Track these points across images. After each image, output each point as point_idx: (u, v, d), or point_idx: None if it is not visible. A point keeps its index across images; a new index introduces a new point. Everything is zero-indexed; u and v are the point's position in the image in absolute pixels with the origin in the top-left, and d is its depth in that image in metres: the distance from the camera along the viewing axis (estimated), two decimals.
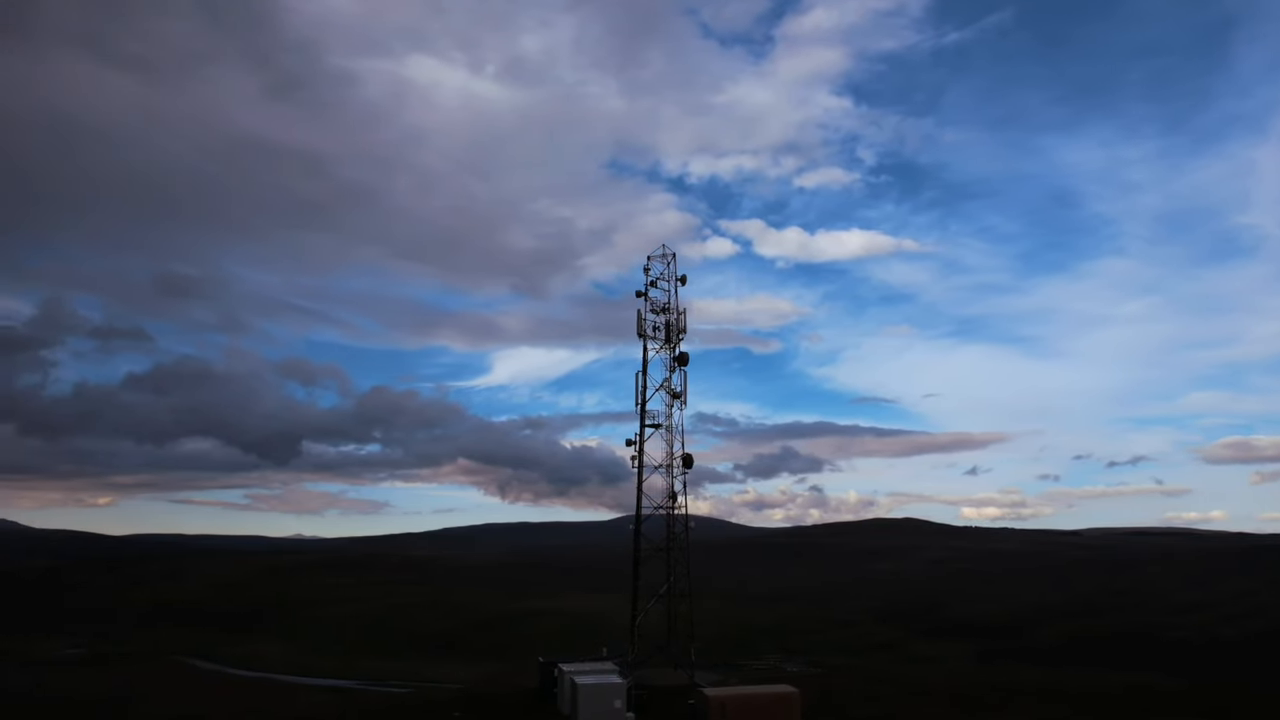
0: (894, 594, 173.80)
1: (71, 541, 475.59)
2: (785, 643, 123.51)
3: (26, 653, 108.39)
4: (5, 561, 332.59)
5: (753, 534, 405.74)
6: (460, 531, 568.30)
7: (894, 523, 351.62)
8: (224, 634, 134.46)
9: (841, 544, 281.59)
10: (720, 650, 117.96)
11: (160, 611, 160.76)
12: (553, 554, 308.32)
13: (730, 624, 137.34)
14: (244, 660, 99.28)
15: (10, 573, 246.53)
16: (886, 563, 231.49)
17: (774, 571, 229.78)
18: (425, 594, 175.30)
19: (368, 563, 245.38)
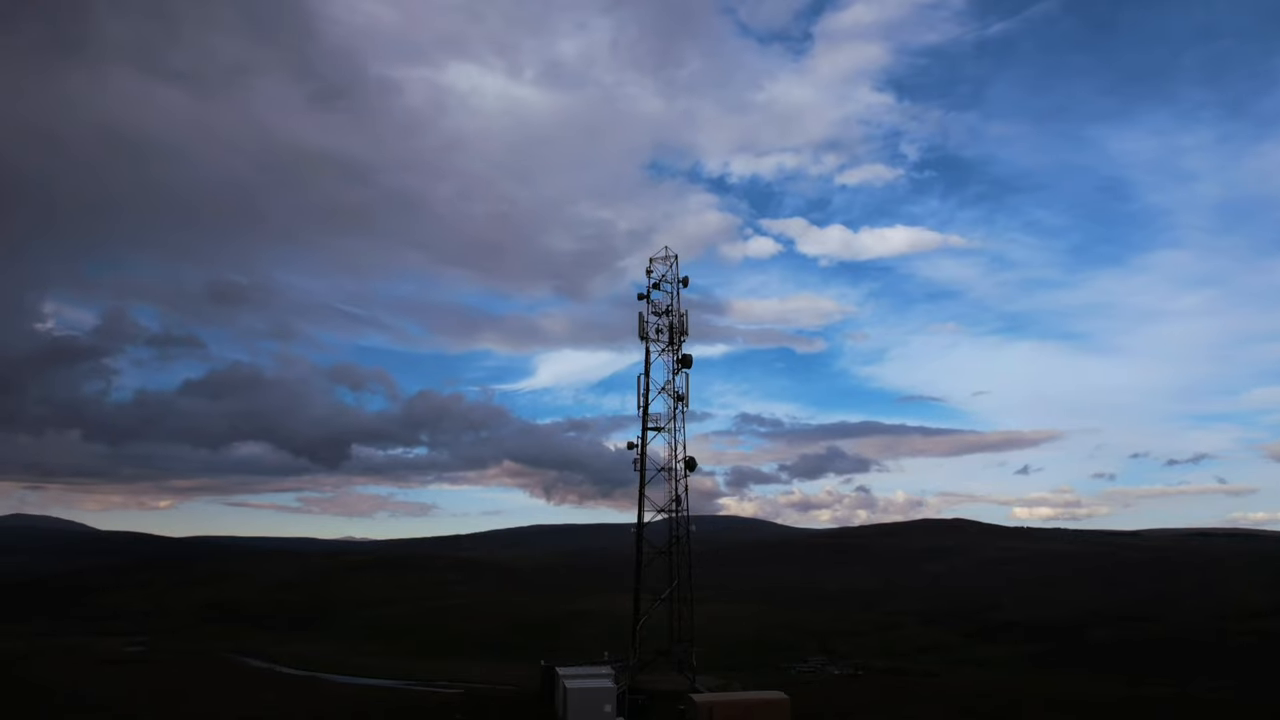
0: (943, 596, 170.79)
1: (133, 543, 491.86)
2: (830, 645, 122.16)
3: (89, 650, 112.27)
4: (71, 561, 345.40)
5: (799, 535, 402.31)
6: (507, 533, 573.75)
7: (943, 523, 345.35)
8: (277, 634, 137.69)
9: (889, 545, 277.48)
10: (763, 653, 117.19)
11: (216, 611, 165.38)
12: (599, 555, 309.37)
13: (775, 626, 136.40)
14: (295, 659, 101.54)
15: (76, 572, 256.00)
16: (935, 564, 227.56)
17: (820, 573, 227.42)
18: (473, 595, 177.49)
19: (416, 564, 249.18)
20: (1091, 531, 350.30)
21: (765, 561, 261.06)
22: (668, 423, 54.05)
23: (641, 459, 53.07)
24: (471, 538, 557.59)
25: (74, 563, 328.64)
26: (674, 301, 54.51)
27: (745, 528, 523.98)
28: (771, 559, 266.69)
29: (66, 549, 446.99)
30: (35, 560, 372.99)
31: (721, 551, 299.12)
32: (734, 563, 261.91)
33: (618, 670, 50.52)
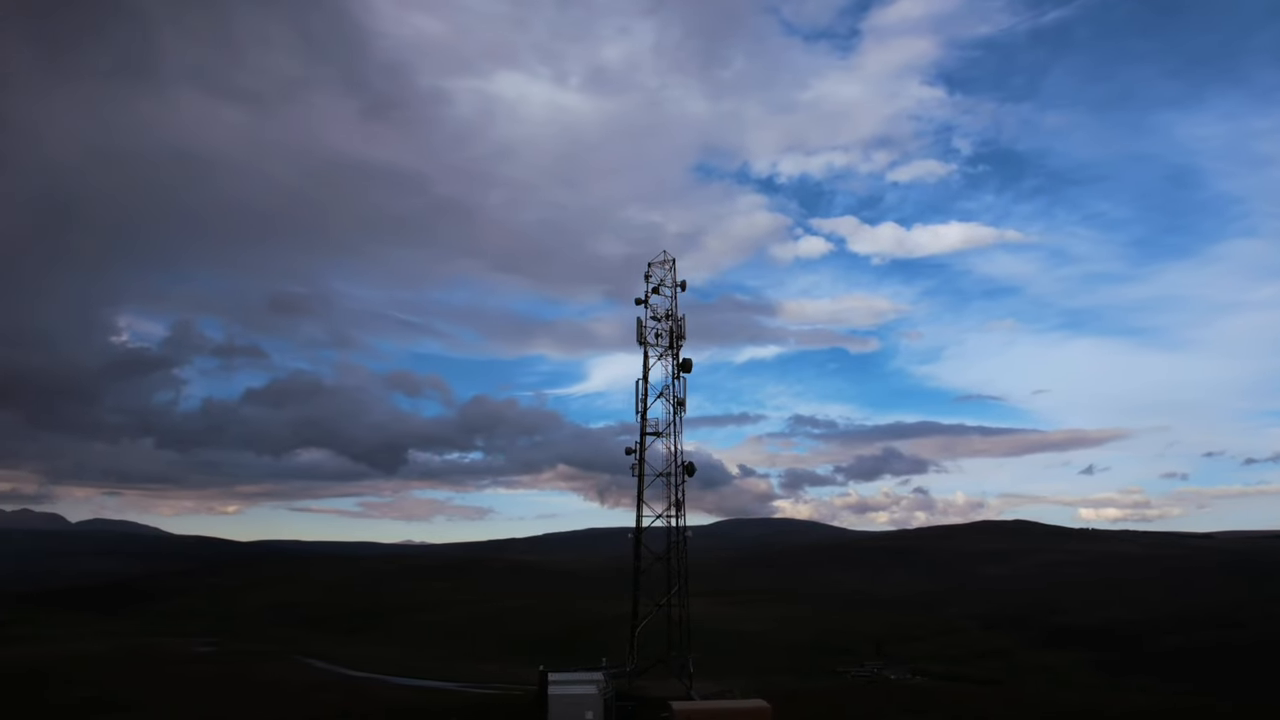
0: (1003, 600, 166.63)
1: (203, 546, 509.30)
2: (887, 650, 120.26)
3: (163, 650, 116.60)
4: (148, 564, 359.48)
5: (855, 537, 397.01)
6: (562, 537, 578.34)
7: (1004, 525, 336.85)
8: (338, 635, 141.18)
9: (948, 547, 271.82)
10: (819, 657, 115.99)
11: (281, 612, 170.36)
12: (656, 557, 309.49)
13: (831, 630, 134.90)
14: (355, 661, 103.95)
15: (151, 574, 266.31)
16: (996, 567, 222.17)
17: (877, 576, 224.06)
18: (527, 598, 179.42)
19: (473, 568, 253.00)
20: (1162, 533, 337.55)
21: (821, 564, 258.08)
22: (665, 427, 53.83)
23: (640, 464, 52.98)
24: (527, 541, 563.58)
25: (149, 565, 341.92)
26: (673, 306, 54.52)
27: (801, 530, 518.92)
28: (828, 562, 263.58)
29: (142, 552, 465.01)
30: (114, 563, 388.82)
31: (777, 555, 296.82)
32: (790, 566, 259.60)
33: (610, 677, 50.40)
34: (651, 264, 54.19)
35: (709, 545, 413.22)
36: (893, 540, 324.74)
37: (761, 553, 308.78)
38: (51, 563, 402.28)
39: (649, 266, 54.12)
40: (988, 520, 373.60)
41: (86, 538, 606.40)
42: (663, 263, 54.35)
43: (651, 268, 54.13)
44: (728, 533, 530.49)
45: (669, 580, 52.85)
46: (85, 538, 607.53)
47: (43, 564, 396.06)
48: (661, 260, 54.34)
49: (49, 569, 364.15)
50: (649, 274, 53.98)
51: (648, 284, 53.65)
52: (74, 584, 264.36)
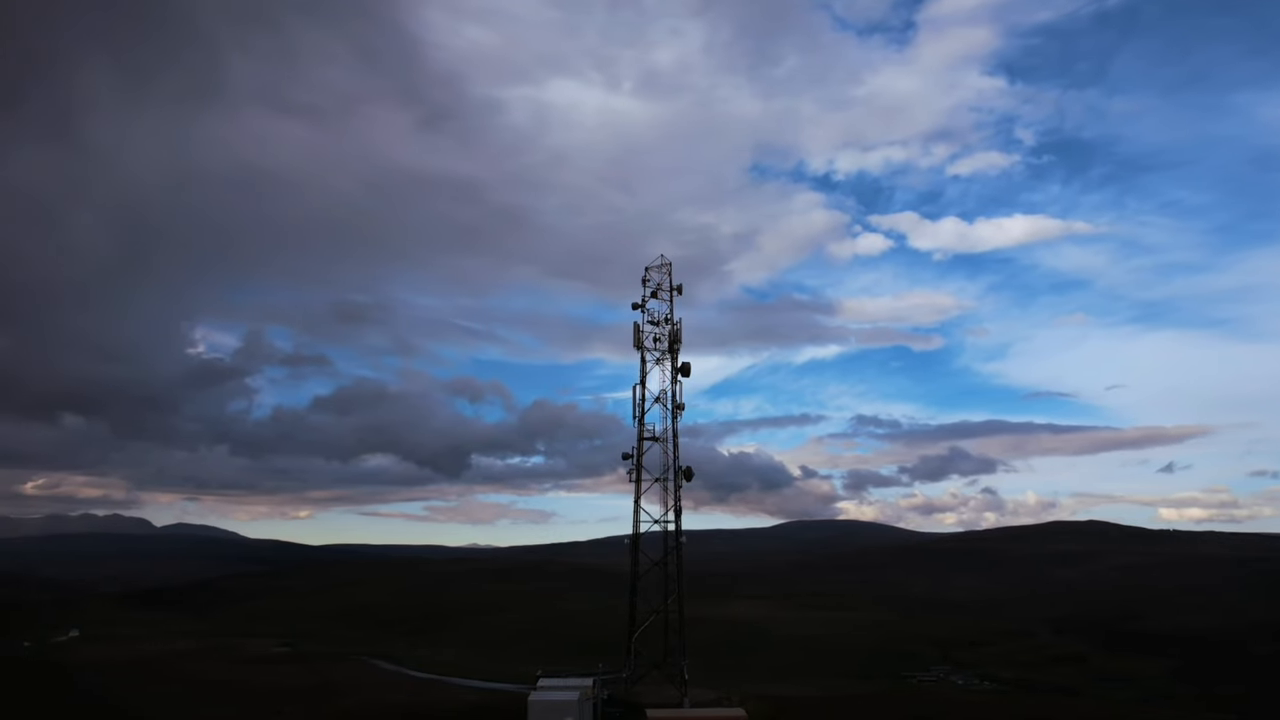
0: (1078, 604, 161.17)
1: (278, 550, 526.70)
2: (954, 655, 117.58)
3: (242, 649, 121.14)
4: (226, 566, 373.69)
5: (921, 539, 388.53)
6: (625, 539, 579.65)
7: (1079, 526, 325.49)
8: (405, 637, 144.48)
9: (1019, 549, 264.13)
10: (884, 661, 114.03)
11: (351, 615, 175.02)
12: (715, 561, 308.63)
13: (896, 634, 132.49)
14: (421, 663, 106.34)
15: (229, 576, 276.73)
16: (1069, 570, 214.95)
17: (944, 579, 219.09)
18: (589, 601, 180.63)
19: (536, 571, 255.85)
20: (1252, 535, 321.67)
21: (887, 567, 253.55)
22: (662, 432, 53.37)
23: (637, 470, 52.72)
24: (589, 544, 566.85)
25: (227, 568, 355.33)
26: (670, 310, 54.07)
27: (865, 532, 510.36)
28: (893, 564, 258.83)
29: (221, 555, 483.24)
30: (195, 566, 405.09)
31: (840, 557, 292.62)
32: (854, 568, 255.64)
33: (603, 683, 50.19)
34: (648, 268, 53.88)
35: (770, 548, 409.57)
36: (960, 542, 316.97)
37: (824, 555, 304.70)
38: (140, 565, 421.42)
39: (646, 271, 53.82)
40: (1060, 521, 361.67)
41: (171, 541, 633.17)
42: (659, 267, 54.10)
43: (649, 272, 53.84)
44: (790, 535, 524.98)
45: (665, 586, 52.41)
46: (169, 541, 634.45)
47: (132, 566, 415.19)
48: (659, 265, 54.08)
49: (138, 571, 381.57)
50: (646, 278, 53.72)
51: (645, 289, 53.38)
52: (160, 585, 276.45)
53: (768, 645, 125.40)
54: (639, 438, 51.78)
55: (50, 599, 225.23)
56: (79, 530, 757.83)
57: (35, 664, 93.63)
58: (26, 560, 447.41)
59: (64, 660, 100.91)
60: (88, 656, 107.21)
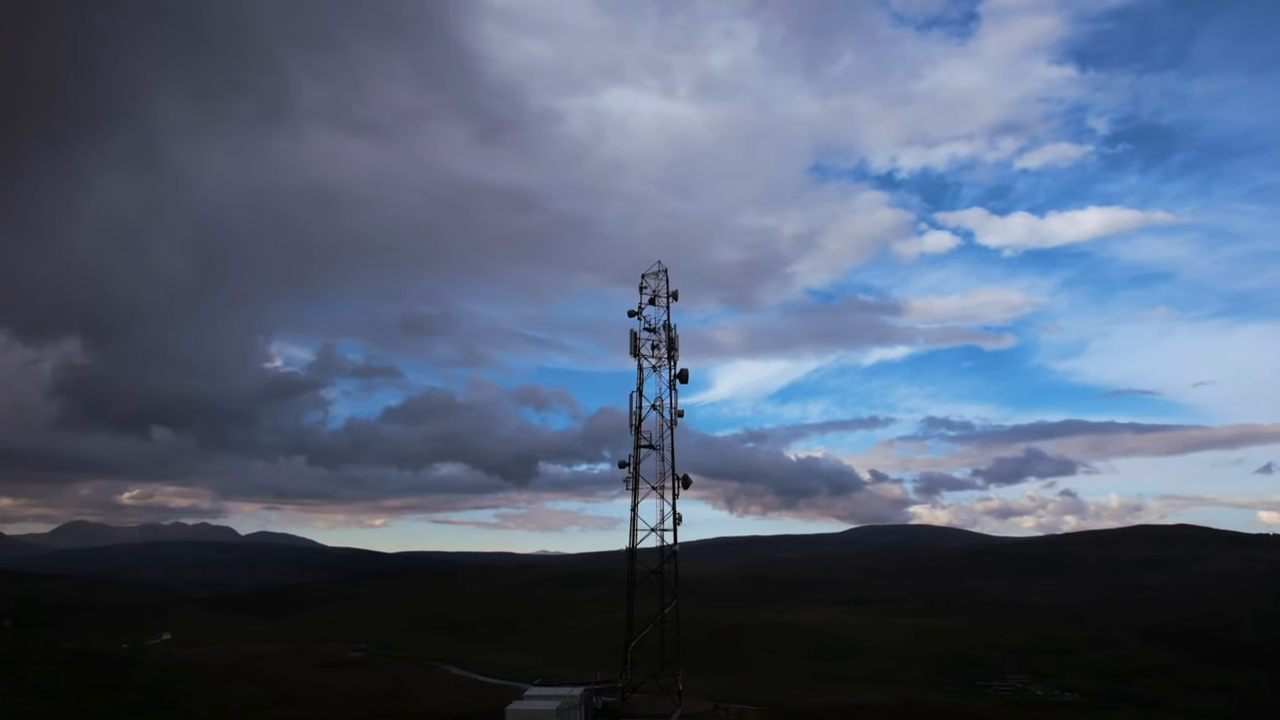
0: (1166, 612, 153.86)
1: (354, 558, 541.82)
2: (1033, 664, 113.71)
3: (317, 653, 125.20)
4: (306, 573, 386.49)
5: (998, 544, 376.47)
6: (692, 546, 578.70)
7: (1167, 530, 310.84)
8: (476, 642, 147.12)
9: (1103, 554, 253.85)
10: (959, 670, 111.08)
11: (423, 620, 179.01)
12: (784, 567, 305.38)
13: (972, 641, 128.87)
14: (492, 668, 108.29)
15: (308, 583, 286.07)
16: (1157, 576, 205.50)
17: (1022, 584, 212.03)
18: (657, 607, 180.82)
19: (604, 577, 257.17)
20: None
21: (962, 572, 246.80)
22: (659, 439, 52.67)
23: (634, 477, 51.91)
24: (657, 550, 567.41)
25: (307, 574, 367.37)
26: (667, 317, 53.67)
27: (939, 537, 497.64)
28: (968, 569, 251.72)
29: (301, 562, 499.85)
30: (277, 572, 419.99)
31: (913, 562, 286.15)
32: (927, 573, 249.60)
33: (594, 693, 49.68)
34: (645, 275, 53.57)
35: (840, 553, 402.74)
36: (1040, 546, 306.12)
37: (896, 560, 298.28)
38: (226, 571, 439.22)
39: (642, 278, 53.54)
40: (1147, 525, 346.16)
41: (254, 549, 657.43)
42: (656, 274, 53.75)
43: (645, 279, 53.53)
44: (860, 540, 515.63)
45: (661, 595, 51.59)
46: (253, 549, 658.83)
47: (219, 572, 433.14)
48: (655, 271, 53.76)
49: (224, 577, 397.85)
50: (643, 285, 53.47)
51: (642, 296, 53.15)
52: (244, 591, 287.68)
53: (837, 652, 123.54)
54: (636, 445, 51.68)
55: (145, 603, 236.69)
56: (171, 538, 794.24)
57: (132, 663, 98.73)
58: (124, 566, 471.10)
59: (157, 660, 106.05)
60: (178, 658, 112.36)
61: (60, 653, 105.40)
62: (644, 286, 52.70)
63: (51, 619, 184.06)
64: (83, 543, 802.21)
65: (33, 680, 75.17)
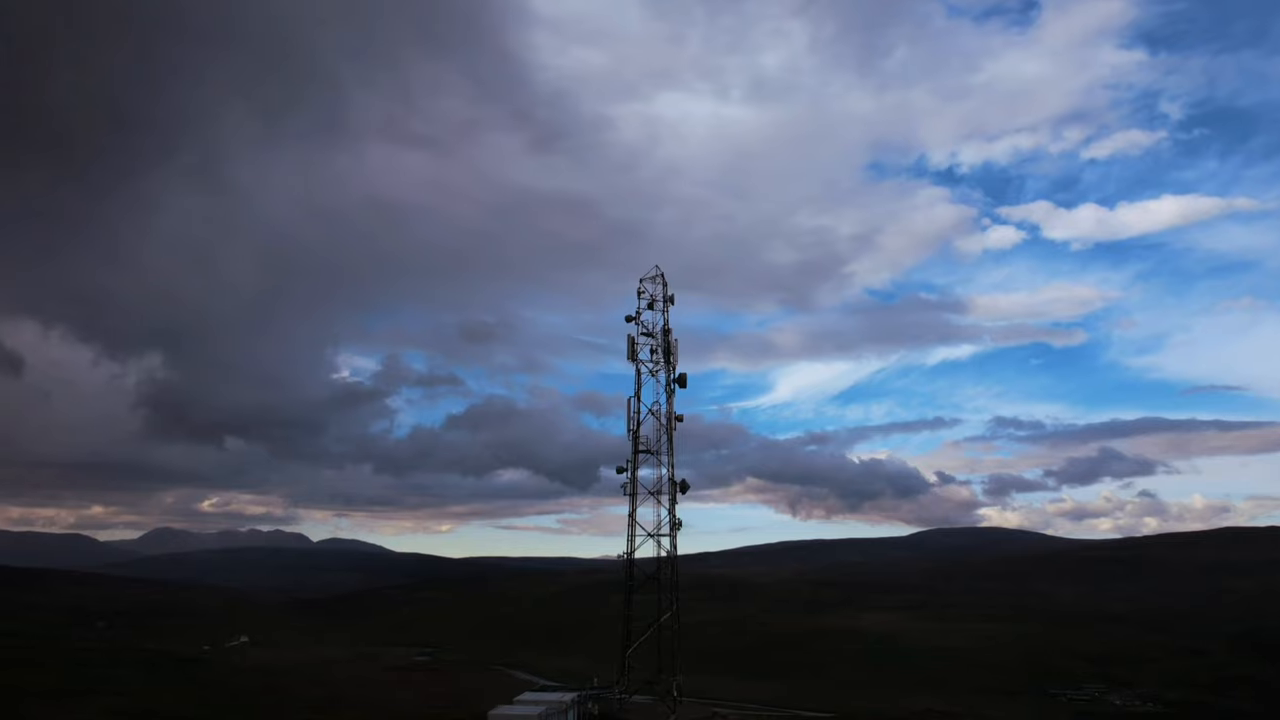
0: (1258, 619, 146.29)
1: (421, 563, 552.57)
2: (1110, 673, 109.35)
3: (384, 657, 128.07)
4: (375, 578, 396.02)
5: (1072, 547, 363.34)
6: (755, 550, 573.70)
7: (1256, 532, 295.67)
8: (540, 647, 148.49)
9: (1185, 558, 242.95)
10: (1033, 678, 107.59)
11: (488, 625, 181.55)
12: (850, 571, 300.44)
13: (1046, 649, 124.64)
14: (557, 673, 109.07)
15: (377, 589, 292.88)
16: (1246, 580, 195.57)
17: (1099, 590, 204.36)
18: (720, 612, 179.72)
19: None
20: None
21: (1034, 576, 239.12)
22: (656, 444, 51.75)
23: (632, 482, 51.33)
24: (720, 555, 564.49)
25: (376, 580, 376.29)
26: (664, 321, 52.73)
27: (1010, 540, 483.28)
28: (1041, 574, 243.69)
29: (370, 568, 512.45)
30: (347, 578, 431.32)
31: (983, 566, 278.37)
32: (998, 578, 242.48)
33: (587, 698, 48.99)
34: (642, 279, 53.18)
35: (906, 557, 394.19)
36: (1117, 550, 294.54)
37: (964, 564, 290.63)
38: (299, 577, 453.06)
39: (640, 282, 53.12)
40: (1235, 527, 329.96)
41: (325, 555, 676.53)
42: (653, 278, 53.24)
43: (643, 283, 53.12)
44: (927, 543, 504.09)
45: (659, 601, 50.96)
46: (324, 555, 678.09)
47: (292, 578, 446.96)
48: (652, 275, 53.25)
49: (297, 583, 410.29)
50: (641, 290, 53.00)
51: (639, 300, 52.63)
52: (316, 596, 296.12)
53: (902, 657, 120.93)
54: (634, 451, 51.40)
55: (224, 607, 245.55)
56: (247, 544, 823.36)
57: (210, 665, 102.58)
58: (204, 571, 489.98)
59: (234, 663, 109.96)
60: (253, 660, 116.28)
61: (145, 654, 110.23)
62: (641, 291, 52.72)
63: (139, 622, 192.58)
64: (167, 548, 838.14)
65: (121, 680, 78.81)
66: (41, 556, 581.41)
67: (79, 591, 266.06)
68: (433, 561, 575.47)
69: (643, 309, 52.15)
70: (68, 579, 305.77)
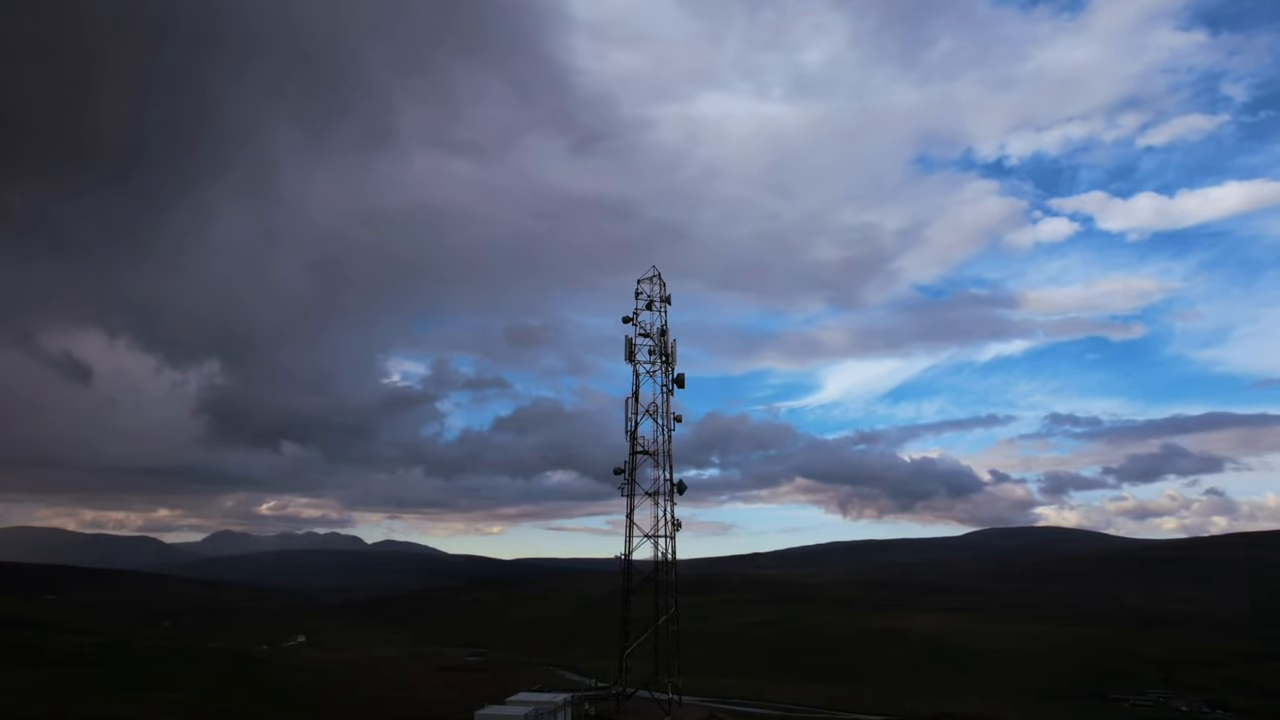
0: None
1: (472, 564, 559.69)
2: (1176, 677, 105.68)
3: (436, 657, 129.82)
4: (428, 579, 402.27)
5: (1135, 547, 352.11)
6: (806, 550, 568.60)
7: None
8: (590, 647, 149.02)
9: (1259, 558, 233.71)
10: (1093, 681, 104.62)
11: (539, 625, 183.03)
12: (902, 571, 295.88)
13: (1107, 651, 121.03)
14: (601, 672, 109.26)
15: (429, 590, 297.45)
16: None
17: (1164, 591, 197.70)
18: (770, 613, 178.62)
19: (716, 583, 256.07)
20: None
21: (1094, 577, 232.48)
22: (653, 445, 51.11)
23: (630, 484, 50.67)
24: (770, 555, 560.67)
25: (429, 581, 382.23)
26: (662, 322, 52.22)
27: (1068, 539, 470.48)
28: (1102, 574, 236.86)
29: (423, 569, 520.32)
30: (402, 579, 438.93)
31: (1040, 566, 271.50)
32: (1056, 579, 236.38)
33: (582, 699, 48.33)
34: (640, 281, 52.86)
35: (959, 558, 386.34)
36: (1183, 550, 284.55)
37: (1021, 564, 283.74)
38: (354, 578, 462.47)
39: (638, 283, 52.83)
40: None
41: (380, 557, 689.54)
42: (651, 279, 52.86)
43: (640, 284, 52.78)
44: (981, 543, 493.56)
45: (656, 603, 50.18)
46: (379, 557, 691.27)
47: (348, 579, 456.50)
48: (650, 276, 52.88)
49: (353, 583, 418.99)
50: (638, 291, 52.72)
51: (637, 301, 52.33)
52: (372, 597, 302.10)
53: (957, 660, 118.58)
54: (631, 451, 51.18)
55: (282, 608, 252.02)
56: (304, 547, 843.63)
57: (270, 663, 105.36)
58: (263, 573, 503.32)
59: (292, 661, 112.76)
60: (310, 659, 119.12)
61: (209, 652, 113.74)
62: (639, 292, 52.60)
63: (202, 621, 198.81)
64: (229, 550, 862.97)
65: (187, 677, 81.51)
66: (112, 558, 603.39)
67: (147, 591, 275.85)
68: (484, 563, 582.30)
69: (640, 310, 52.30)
70: (136, 579, 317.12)
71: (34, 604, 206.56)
